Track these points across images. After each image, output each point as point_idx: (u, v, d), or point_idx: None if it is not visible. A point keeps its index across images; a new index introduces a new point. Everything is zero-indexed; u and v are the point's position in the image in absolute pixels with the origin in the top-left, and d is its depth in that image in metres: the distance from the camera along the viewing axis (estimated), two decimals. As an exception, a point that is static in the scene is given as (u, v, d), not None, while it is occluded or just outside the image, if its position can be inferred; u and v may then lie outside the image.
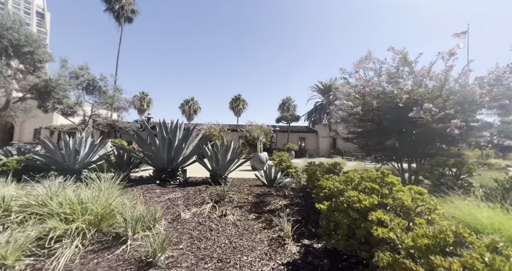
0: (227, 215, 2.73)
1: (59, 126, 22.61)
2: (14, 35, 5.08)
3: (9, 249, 1.63)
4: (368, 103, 4.27)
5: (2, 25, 4.91)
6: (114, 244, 1.97)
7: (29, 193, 2.65)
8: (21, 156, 6.69)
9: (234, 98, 36.68)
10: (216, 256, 1.82)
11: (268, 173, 5.04)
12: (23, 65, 5.69)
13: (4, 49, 5.08)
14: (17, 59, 5.27)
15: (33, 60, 5.63)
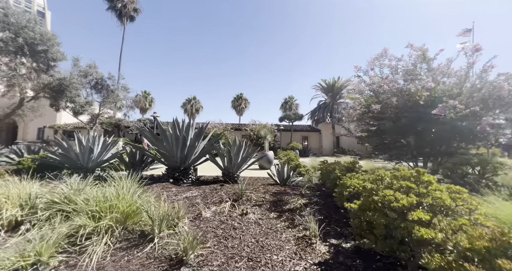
0: (248, 213, 2.72)
1: (63, 125, 22.74)
2: (29, 33, 5.12)
3: (43, 246, 1.65)
4: (385, 101, 4.20)
5: (17, 24, 4.93)
6: (141, 242, 1.98)
7: (52, 191, 2.68)
8: (31, 154, 6.77)
9: (236, 97, 36.61)
10: (245, 255, 1.80)
11: (281, 172, 5.02)
12: (36, 64, 5.72)
13: (19, 47, 5.12)
14: (31, 58, 5.30)
15: (47, 59, 5.67)
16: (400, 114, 4.01)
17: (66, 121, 24.00)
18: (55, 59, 5.79)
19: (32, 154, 6.76)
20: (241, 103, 36.25)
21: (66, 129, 22.56)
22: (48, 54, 5.63)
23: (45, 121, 22.12)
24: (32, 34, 5.17)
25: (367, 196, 1.82)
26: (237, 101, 36.48)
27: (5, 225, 2.11)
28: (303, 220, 2.58)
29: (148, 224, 2.20)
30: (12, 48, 4.98)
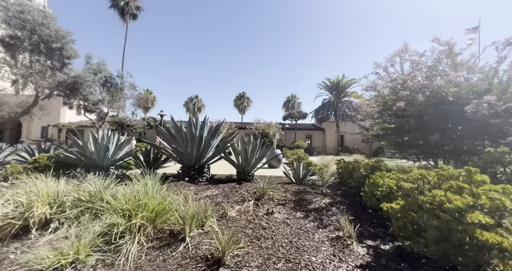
0: (273, 213, 2.66)
1: (67, 124, 22.62)
2: (45, 31, 5.11)
3: (81, 244, 1.63)
4: (408, 97, 4.07)
5: (34, 21, 4.93)
6: (172, 241, 1.94)
7: (77, 189, 2.68)
8: (42, 153, 6.77)
9: (239, 96, 36.39)
10: (281, 256, 1.75)
11: (297, 171, 4.96)
12: (51, 62, 5.72)
13: (36, 45, 5.13)
14: (47, 55, 5.31)
15: (61, 57, 5.68)
16: (424, 111, 3.88)
17: (70, 120, 24.07)
18: (70, 56, 5.79)
19: (43, 152, 6.80)
20: (244, 102, 36.07)
21: (70, 127, 22.50)
22: (63, 51, 5.64)
23: (49, 120, 21.69)
24: (48, 31, 5.17)
25: (410, 196, 1.73)
26: (239, 100, 36.30)
27: (36, 223, 2.11)
28: (332, 220, 2.51)
29: (177, 223, 2.17)
30: (29, 46, 4.99)
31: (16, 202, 2.30)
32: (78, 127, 23.69)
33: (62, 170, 5.15)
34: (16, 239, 1.99)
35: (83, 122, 24.41)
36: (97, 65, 7.67)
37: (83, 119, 25.52)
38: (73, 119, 24.68)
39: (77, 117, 25.85)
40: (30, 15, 4.89)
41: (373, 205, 2.61)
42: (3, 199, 2.40)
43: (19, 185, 3.19)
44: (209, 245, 1.89)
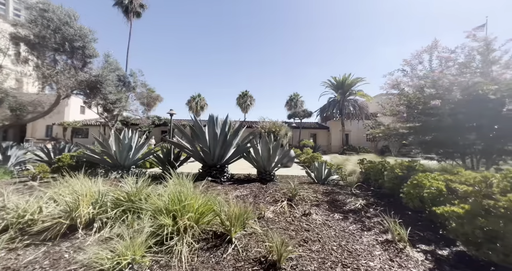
0: (310, 214, 2.61)
1: (72, 122, 22.37)
2: (69, 30, 5.15)
3: (135, 245, 1.62)
4: (435, 95, 3.92)
5: (59, 20, 4.97)
6: (219, 243, 1.92)
7: (114, 189, 2.69)
8: (56, 152, 6.81)
9: (242, 94, 36.03)
10: (335, 260, 1.69)
11: (320, 171, 4.89)
12: (72, 61, 5.76)
13: (61, 44, 5.18)
14: (70, 54, 5.36)
15: (84, 56, 5.72)
16: (458, 109, 3.72)
17: (75, 118, 23.95)
18: (91, 55, 5.83)
19: (58, 151, 6.86)
20: (246, 101, 35.74)
21: (75, 126, 22.42)
22: (85, 50, 5.67)
23: (54, 119, 21.33)
24: (72, 30, 5.21)
25: (468, 200, 1.64)
26: (242, 98, 35.95)
27: (82, 223, 2.12)
28: (373, 222, 2.44)
29: (219, 224, 2.15)
30: (55, 44, 5.05)
31: (58, 201, 2.33)
32: (83, 126, 23.70)
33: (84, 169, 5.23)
34: (64, 238, 2.01)
35: (87, 121, 24.38)
36: (115, 63, 7.69)
37: (87, 118, 25.57)
38: (77, 118, 24.67)
39: (81, 116, 25.86)
40: (54, 14, 4.93)
41: (416, 207, 2.52)
42: (45, 198, 2.44)
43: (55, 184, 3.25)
44: (257, 247, 1.86)
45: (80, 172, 3.18)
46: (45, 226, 2.00)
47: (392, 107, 5.84)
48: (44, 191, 2.83)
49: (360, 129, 24.39)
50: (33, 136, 23.42)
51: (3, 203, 2.73)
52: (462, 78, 3.50)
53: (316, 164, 5.18)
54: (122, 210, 2.33)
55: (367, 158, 7.20)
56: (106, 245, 1.86)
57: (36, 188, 3.70)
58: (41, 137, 23.37)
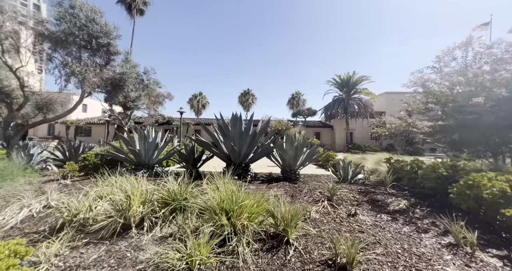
0: (356, 214, 2.53)
1: (75, 121, 21.86)
2: (96, 26, 5.13)
3: (200, 245, 1.59)
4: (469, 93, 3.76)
5: (86, 16, 4.96)
6: (276, 244, 1.88)
7: (159, 188, 2.69)
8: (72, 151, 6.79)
9: (244, 93, 35.81)
10: (405, 264, 1.62)
11: (346, 170, 4.81)
12: (96, 58, 5.75)
13: (88, 41, 5.18)
14: (96, 51, 5.38)
15: (108, 53, 5.73)
16: (500, 107, 3.55)
17: (78, 116, 23.51)
18: (115, 53, 5.82)
19: (73, 150, 6.89)
20: (248, 99, 35.56)
21: (78, 125, 22.11)
22: (110, 47, 5.66)
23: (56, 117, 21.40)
24: (98, 27, 5.18)
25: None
26: (244, 96, 35.76)
27: (135, 221, 2.12)
28: (425, 223, 2.35)
29: (271, 224, 2.11)
30: (82, 42, 5.06)
31: (107, 200, 2.34)
32: (86, 125, 23.45)
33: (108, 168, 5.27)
34: (119, 237, 2.01)
35: (90, 120, 24.19)
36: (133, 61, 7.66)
37: (89, 116, 25.43)
38: (80, 116, 24.35)
39: (83, 114, 25.71)
40: (81, 11, 4.93)
41: (470, 208, 2.41)
42: (90, 197, 2.46)
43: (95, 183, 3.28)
44: (318, 250, 1.80)
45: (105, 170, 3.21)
46: (101, 225, 2.00)
47: (418, 105, 5.68)
48: (86, 190, 2.87)
49: (365, 127, 24.10)
50: (35, 134, 23.07)
51: (47, 201, 2.79)
52: (508, 74, 3.32)
53: (341, 163, 5.10)
54: (167, 208, 2.32)
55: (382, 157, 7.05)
56: (165, 245, 1.86)
57: (72, 186, 3.76)
58: (43, 136, 22.99)
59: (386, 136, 18.88)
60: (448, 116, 4.49)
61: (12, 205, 2.61)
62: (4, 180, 3.27)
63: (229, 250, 1.73)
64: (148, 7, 28.30)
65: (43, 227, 2.20)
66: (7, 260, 1.04)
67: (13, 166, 3.69)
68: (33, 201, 2.70)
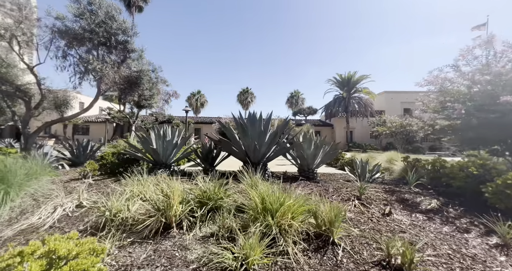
0: (391, 214, 2.52)
1: (74, 119, 21.42)
2: (114, 23, 5.00)
3: (253, 244, 1.58)
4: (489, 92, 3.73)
5: (106, 13, 4.88)
6: (322, 244, 1.86)
7: (193, 187, 2.68)
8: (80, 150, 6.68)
9: (243, 91, 35.58)
10: (461, 266, 1.60)
11: (364, 169, 4.79)
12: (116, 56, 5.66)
13: (108, 38, 5.10)
14: (113, 49, 5.31)
15: (126, 50, 5.65)
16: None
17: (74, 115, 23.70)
18: (133, 50, 5.74)
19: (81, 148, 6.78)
20: (247, 97, 35.38)
21: (76, 123, 21.96)
22: (128, 45, 5.55)
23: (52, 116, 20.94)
24: (117, 24, 5.06)
25: None
26: (243, 95, 35.54)
27: (175, 221, 2.12)
28: (463, 222, 2.33)
29: (310, 224, 2.09)
30: (102, 39, 5.00)
31: (147, 199, 2.33)
32: (84, 123, 23.07)
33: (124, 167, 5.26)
34: (162, 236, 2.01)
35: (88, 118, 23.76)
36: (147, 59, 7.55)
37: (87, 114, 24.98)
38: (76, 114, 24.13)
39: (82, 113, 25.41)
40: (99, 8, 4.86)
41: (509, 207, 2.39)
42: (124, 196, 2.46)
43: (121, 182, 3.28)
44: (366, 250, 1.79)
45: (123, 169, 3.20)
46: (143, 224, 2.00)
47: (435, 104, 5.66)
48: (118, 189, 2.87)
49: (365, 126, 24.10)
50: (29, 132, 23.02)
51: (79, 200, 2.79)
52: None
53: (358, 162, 5.08)
54: (205, 208, 2.31)
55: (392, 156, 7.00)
56: (210, 245, 1.85)
57: (96, 185, 3.76)
58: (40, 134, 22.62)
59: (387, 135, 19.02)
60: (469, 115, 4.45)
61: (46, 205, 2.62)
62: (30, 179, 3.27)
63: (279, 250, 1.72)
64: (148, 4, 28.01)
65: (82, 226, 2.20)
66: (89, 258, 1.03)
67: (36, 165, 3.69)
68: (65, 200, 2.70)
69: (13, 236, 2.08)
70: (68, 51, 5.51)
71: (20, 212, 2.61)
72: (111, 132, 22.27)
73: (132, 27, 5.33)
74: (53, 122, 6.17)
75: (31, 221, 2.33)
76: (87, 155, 6.88)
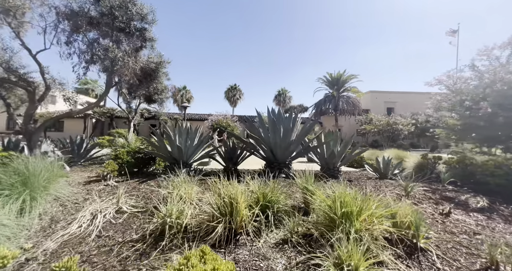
0: (450, 213, 2.48)
1: (46, 114, 18.82)
2: (133, 8, 4.60)
3: (352, 255, 1.45)
4: None
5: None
6: (408, 251, 1.77)
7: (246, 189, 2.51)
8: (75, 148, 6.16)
9: (230, 88, 34.69)
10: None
11: (387, 165, 4.82)
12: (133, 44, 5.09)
13: (126, 24, 4.53)
14: (131, 36, 4.75)
15: (144, 39, 5.14)
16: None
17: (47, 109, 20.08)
18: (150, 39, 5.18)
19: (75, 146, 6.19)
20: (236, 94, 34.71)
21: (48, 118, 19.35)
22: (146, 33, 4.89)
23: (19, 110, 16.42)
24: (136, 8, 4.62)
25: None
26: (231, 92, 34.70)
27: (242, 226, 1.94)
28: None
29: (391, 227, 2.00)
30: (121, 24, 4.46)
31: (208, 203, 2.14)
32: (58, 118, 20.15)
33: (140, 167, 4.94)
34: (231, 244, 1.83)
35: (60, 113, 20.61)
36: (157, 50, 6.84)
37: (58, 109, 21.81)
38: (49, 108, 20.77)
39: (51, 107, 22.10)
40: None
41: None
42: (174, 200, 2.24)
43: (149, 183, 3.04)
44: (461, 256, 1.71)
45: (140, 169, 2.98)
46: (215, 231, 1.81)
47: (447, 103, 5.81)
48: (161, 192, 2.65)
49: (352, 124, 24.76)
50: (-10, 128, 18.83)
51: (118, 205, 2.53)
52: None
53: (380, 159, 5.10)
54: (270, 211, 2.16)
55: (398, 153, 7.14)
56: (289, 252, 1.70)
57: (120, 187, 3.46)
58: (1, 130, 19.54)
59: (375, 133, 19.84)
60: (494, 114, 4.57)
61: (80, 211, 2.35)
62: (49, 182, 2.94)
63: (376, 259, 1.60)
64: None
65: (135, 235, 1.98)
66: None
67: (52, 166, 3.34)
68: (101, 205, 2.44)
69: (59, 248, 1.83)
70: (76, 37, 4.93)
71: (50, 219, 2.33)
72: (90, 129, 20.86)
73: (151, 12, 4.81)
74: (60, 117, 5.64)
75: (71, 230, 2.07)
76: (82, 154, 6.27)
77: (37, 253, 1.76)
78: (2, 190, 2.25)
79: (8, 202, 2.17)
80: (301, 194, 2.68)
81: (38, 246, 1.84)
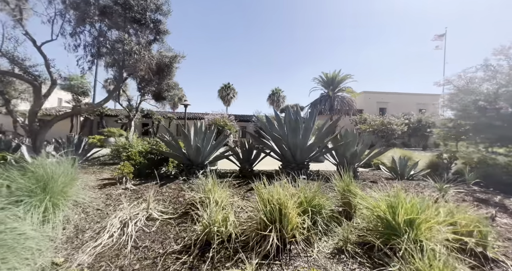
0: (495, 217, 2.41)
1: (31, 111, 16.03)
2: None
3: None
4: None
5: None
6: (481, 262, 1.66)
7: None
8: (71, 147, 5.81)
9: (224, 87, 34.04)
10: None
11: (404, 166, 4.78)
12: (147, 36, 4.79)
13: (142, 15, 4.14)
14: (145, 29, 4.45)
15: (158, 32, 4.79)
16: None
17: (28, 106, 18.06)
18: (164, 32, 4.87)
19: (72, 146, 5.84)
20: (229, 93, 34.20)
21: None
22: (160, 25, 4.67)
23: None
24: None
25: None
26: (225, 91, 33.95)
27: (294, 235, 1.81)
28: None
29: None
30: (138, 15, 4.18)
31: (253, 209, 1.99)
32: (43, 116, 17.36)
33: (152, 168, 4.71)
34: (285, 254, 1.69)
35: (47, 111, 19.00)
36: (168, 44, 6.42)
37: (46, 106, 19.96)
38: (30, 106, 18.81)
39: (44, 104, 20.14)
40: None
41: None
42: (212, 206, 2.09)
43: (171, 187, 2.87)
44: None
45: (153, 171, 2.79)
46: (257, 240, 1.67)
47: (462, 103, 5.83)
48: (193, 195, 2.48)
49: (347, 124, 24.87)
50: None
51: (147, 211, 2.35)
52: None
53: (396, 159, 5.05)
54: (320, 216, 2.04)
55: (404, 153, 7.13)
56: (350, 264, 1.58)
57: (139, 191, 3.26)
58: None
59: (370, 132, 20.09)
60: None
61: (111, 218, 2.16)
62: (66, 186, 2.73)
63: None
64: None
65: (175, 245, 1.82)
66: None
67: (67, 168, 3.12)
68: (128, 212, 2.25)
69: (94, 262, 1.65)
70: (83, 28, 4.61)
71: (74, 228, 2.14)
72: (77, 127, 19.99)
73: (166, 2, 4.54)
74: (67, 115, 5.32)
75: (103, 240, 1.89)
76: (83, 154, 5.91)
77: (71, 268, 1.58)
78: (21, 196, 2.05)
79: (30, 210, 1.97)
80: (339, 196, 2.56)
81: (71, 260, 1.66)
